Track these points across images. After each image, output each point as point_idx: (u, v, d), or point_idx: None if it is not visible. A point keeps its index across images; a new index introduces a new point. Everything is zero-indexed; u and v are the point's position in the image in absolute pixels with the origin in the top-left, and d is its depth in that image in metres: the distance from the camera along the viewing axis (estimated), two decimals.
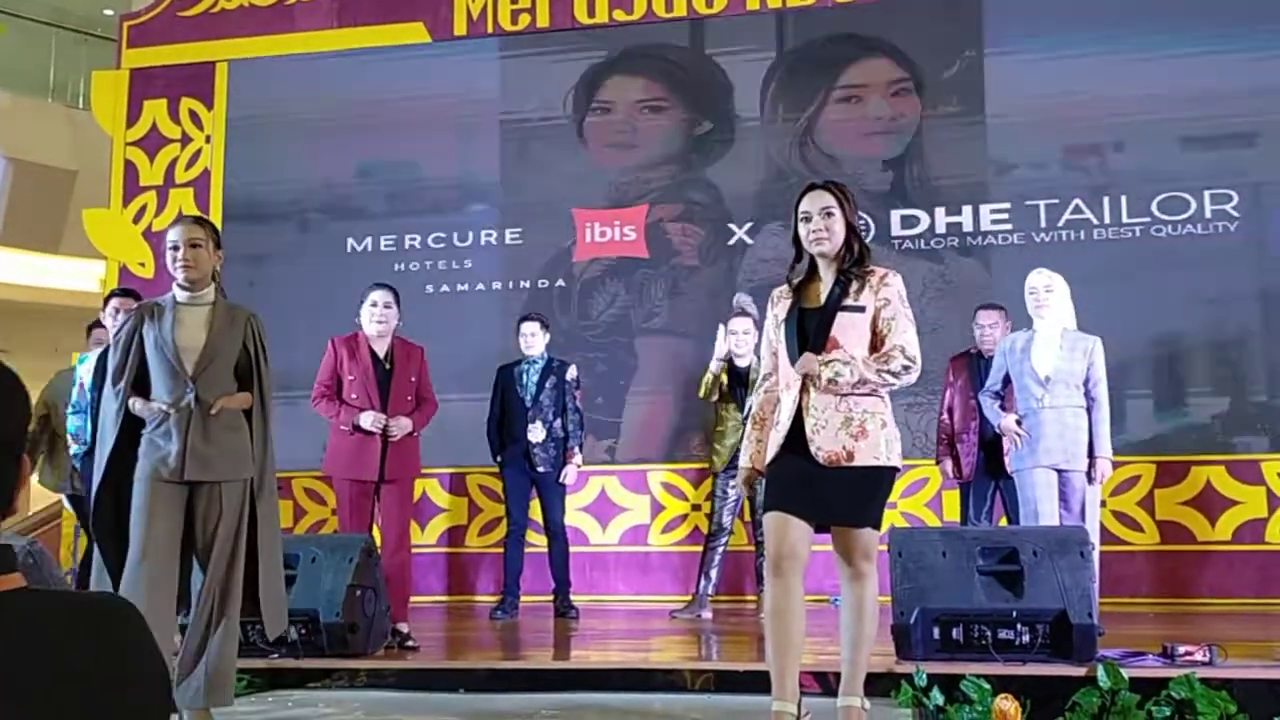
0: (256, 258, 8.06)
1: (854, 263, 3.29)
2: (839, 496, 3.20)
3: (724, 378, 6.16)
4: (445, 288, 7.92)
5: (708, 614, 6.17)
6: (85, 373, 5.57)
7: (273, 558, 3.67)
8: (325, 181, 8.22)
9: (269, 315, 3.89)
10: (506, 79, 8.07)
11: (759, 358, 3.94)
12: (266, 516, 3.66)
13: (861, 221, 3.53)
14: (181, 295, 3.67)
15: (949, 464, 6.04)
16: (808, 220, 3.29)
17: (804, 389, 3.24)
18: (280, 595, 3.72)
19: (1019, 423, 5.06)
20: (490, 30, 8.13)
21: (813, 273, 3.37)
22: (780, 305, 3.40)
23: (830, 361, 3.20)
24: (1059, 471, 4.96)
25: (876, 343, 3.27)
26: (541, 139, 7.99)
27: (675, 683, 4.10)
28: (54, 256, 11.89)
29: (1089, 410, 5.00)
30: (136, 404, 3.58)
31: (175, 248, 3.65)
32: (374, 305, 5.12)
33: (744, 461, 3.46)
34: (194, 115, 8.44)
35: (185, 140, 8.43)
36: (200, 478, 3.54)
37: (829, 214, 3.27)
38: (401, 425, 5.03)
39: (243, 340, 3.68)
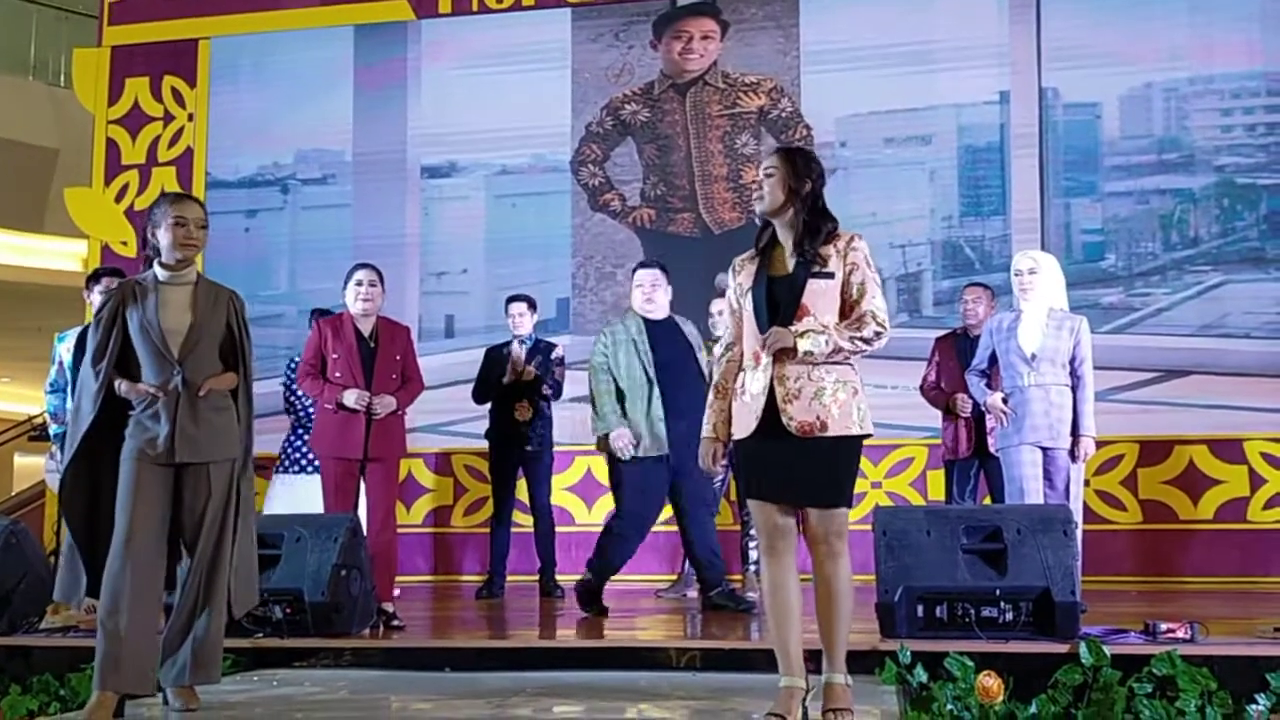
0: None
1: (806, 233, 3.28)
2: (813, 474, 3.17)
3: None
4: None
5: (693, 593, 6.19)
6: (65, 351, 5.53)
7: (246, 537, 3.66)
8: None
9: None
10: None
11: None
12: (245, 497, 3.65)
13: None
14: (163, 274, 3.61)
15: (960, 399, 5.93)
16: (756, 181, 3.36)
17: (776, 359, 3.22)
18: (250, 574, 3.70)
19: (1005, 401, 5.07)
20: (475, 8, 8.08)
21: (775, 240, 3.36)
22: (744, 273, 3.37)
23: (806, 333, 3.18)
24: (1044, 449, 4.97)
25: (846, 308, 3.26)
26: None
27: (661, 661, 4.11)
28: (36, 236, 11.79)
29: (1074, 389, 5.01)
30: (122, 385, 3.54)
31: (182, 224, 3.58)
32: (359, 284, 5.10)
33: (706, 432, 3.39)
34: (176, 93, 8.37)
35: (168, 118, 8.37)
36: (189, 459, 3.53)
37: (769, 174, 3.31)
38: (385, 403, 5.01)
39: (226, 320, 3.64)
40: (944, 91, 7.48)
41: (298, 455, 6.24)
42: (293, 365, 6.03)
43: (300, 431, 6.22)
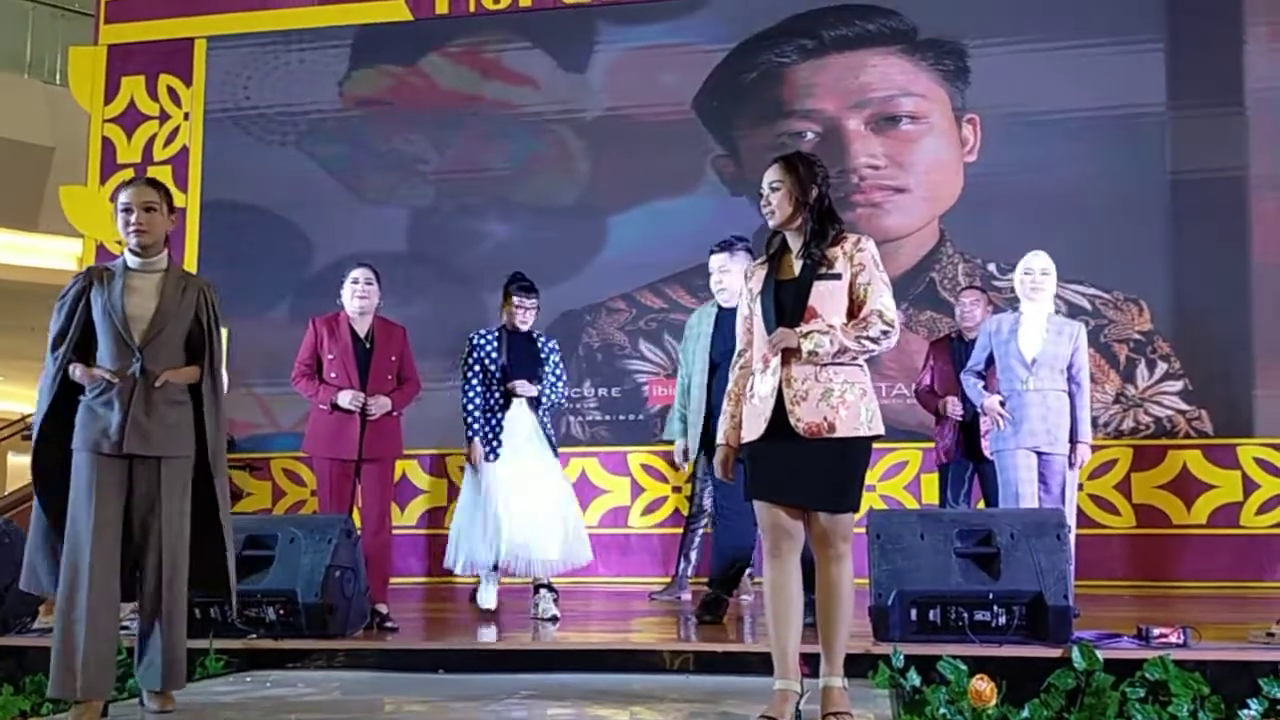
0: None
1: (813, 236, 3.28)
2: (821, 477, 3.18)
3: None
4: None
5: (687, 595, 6.19)
6: None
7: (228, 532, 3.60)
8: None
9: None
10: None
11: None
12: (222, 491, 3.58)
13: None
14: (133, 261, 3.53)
15: (950, 402, 5.95)
16: (762, 194, 3.34)
17: (784, 361, 3.23)
18: (224, 567, 3.60)
19: (1002, 404, 5.07)
20: (472, 9, 8.07)
21: (786, 246, 3.37)
22: (755, 279, 3.39)
23: (809, 333, 3.19)
24: (1039, 454, 4.98)
25: (853, 309, 3.26)
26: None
27: (654, 663, 4.11)
28: (31, 234, 11.77)
29: (1071, 395, 5.02)
30: (76, 370, 3.45)
31: (128, 210, 3.50)
32: (355, 282, 5.10)
33: (719, 439, 3.42)
34: (172, 92, 8.37)
35: (164, 117, 8.36)
36: (139, 451, 3.42)
37: (775, 188, 3.31)
38: (380, 404, 5.01)
39: (195, 311, 3.55)
40: None
41: None
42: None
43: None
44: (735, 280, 4.88)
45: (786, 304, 3.25)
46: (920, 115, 7.55)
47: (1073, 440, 5.01)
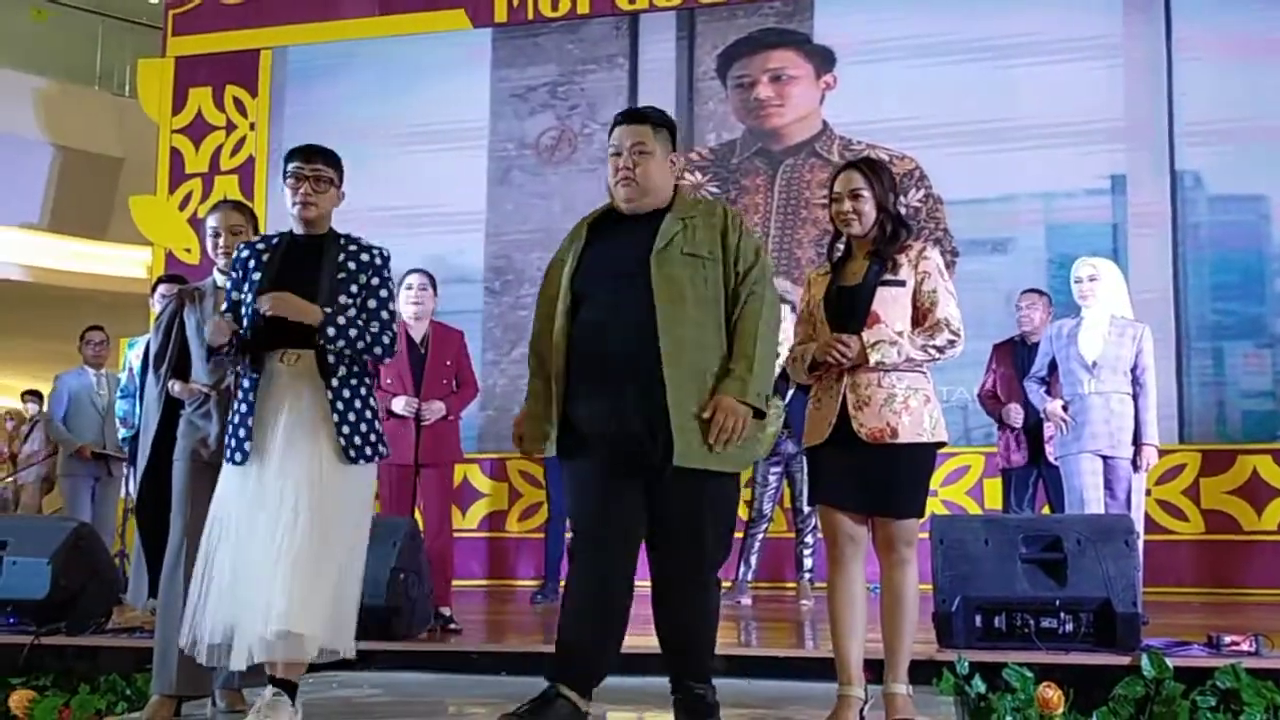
0: None
1: (886, 241, 3.27)
2: (883, 482, 3.18)
3: None
4: None
5: (747, 600, 6.18)
6: (134, 357, 5.66)
7: None
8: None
9: None
10: None
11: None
12: None
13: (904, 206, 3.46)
14: (221, 280, 3.67)
15: (1012, 410, 5.87)
16: (838, 201, 3.29)
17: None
18: None
19: (1065, 408, 5.01)
20: (531, 16, 8.14)
21: (850, 251, 3.36)
22: (818, 286, 3.38)
23: (877, 343, 3.17)
24: (1104, 458, 4.91)
25: (918, 317, 3.24)
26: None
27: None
28: (101, 243, 12.02)
29: (1135, 397, 4.95)
30: (175, 386, 3.60)
31: (216, 234, 3.69)
32: (409, 288, 5.14)
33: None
34: (238, 102, 8.52)
35: (230, 128, 8.51)
36: None
37: (857, 195, 3.26)
38: (434, 409, 5.02)
39: None
40: (1031, 176, 6.90)
41: None
42: None
43: None
44: (661, 171, 3.14)
45: (850, 309, 3.25)
46: None
47: (1137, 443, 4.94)
